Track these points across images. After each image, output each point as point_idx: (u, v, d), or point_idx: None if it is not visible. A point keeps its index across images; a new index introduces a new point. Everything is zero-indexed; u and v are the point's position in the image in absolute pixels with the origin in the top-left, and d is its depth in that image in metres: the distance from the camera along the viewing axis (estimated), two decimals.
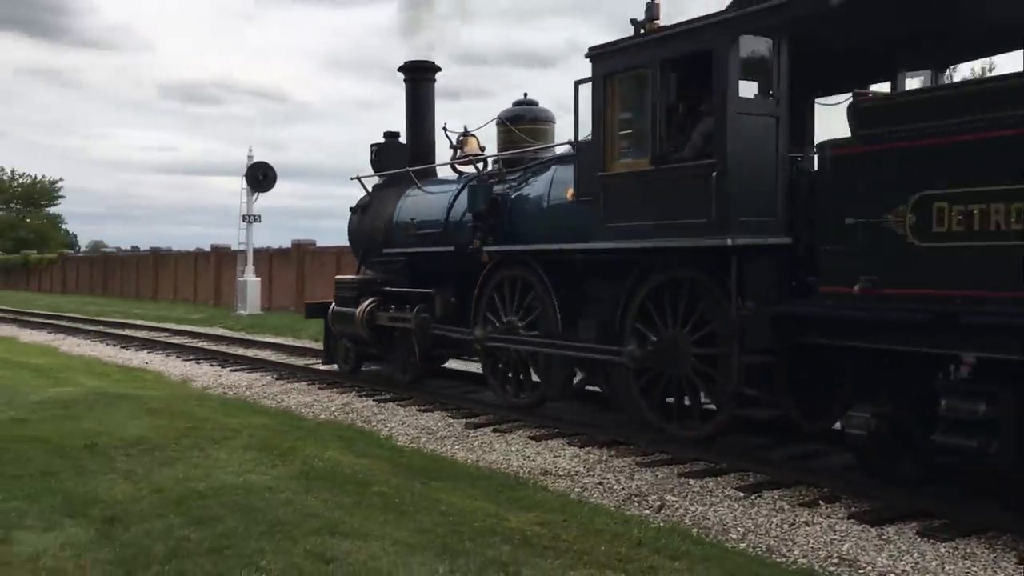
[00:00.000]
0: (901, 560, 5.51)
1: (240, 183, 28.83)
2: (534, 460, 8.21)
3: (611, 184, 8.22)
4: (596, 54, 8.32)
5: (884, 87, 8.05)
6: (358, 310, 11.97)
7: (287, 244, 32.32)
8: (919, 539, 5.86)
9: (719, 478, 7.49)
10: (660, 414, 8.48)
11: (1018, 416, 5.58)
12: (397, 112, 14.43)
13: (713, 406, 8.19)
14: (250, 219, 28.68)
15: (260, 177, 27.88)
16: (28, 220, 73.00)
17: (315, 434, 8.87)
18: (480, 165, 11.42)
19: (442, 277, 11.19)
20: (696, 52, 7.42)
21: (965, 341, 5.77)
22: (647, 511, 6.72)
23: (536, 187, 9.95)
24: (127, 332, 21.58)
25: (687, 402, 8.35)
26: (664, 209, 7.73)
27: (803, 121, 8.57)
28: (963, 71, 8.50)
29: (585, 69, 8.46)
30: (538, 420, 9.62)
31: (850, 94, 6.90)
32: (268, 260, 30.94)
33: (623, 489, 7.26)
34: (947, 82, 8.09)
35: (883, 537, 5.92)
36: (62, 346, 18.84)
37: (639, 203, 7.97)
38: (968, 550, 5.64)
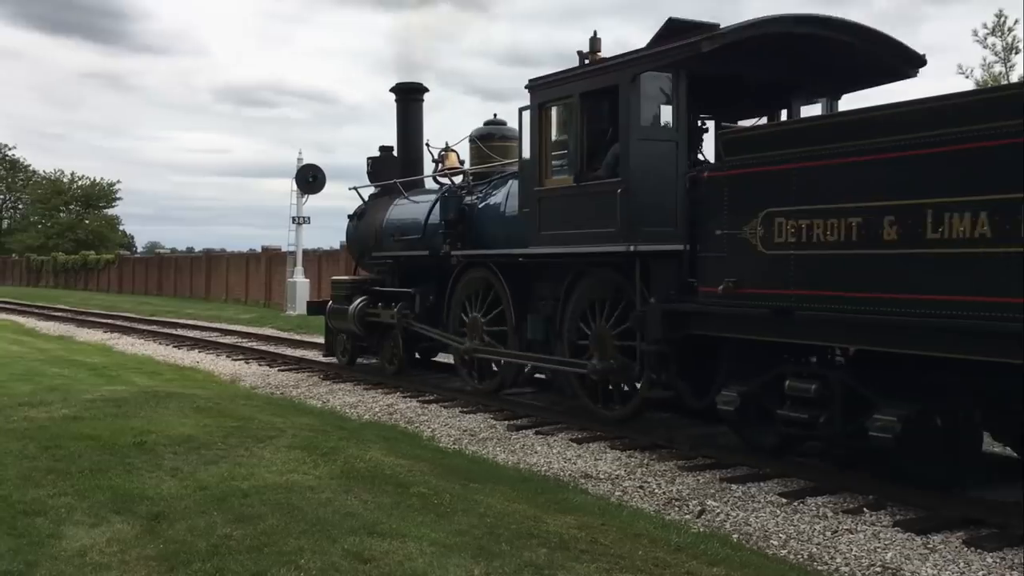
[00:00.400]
0: (946, 570, 5.41)
1: (290, 185, 29.19)
2: (575, 463, 8.20)
3: (544, 198, 9.52)
4: (533, 85, 9.64)
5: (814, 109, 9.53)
6: (351, 308, 13.09)
7: (336, 245, 32.66)
8: (966, 548, 5.74)
9: (762, 483, 7.40)
10: (590, 397, 9.57)
11: (842, 394, 6.94)
12: (445, 113, 15.92)
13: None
14: (299, 220, 29.03)
15: (310, 179, 28.18)
16: (87, 222, 74.66)
17: (358, 434, 8.95)
18: (457, 178, 12.48)
19: (423, 278, 12.28)
20: (607, 87, 8.73)
21: (800, 333, 7.10)
22: (687, 516, 6.68)
23: (496, 198, 11.10)
24: (180, 332, 21.98)
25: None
26: (584, 220, 8.94)
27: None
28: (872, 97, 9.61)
29: None
30: (579, 423, 9.61)
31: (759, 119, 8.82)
32: (317, 261, 31.32)
33: (664, 493, 7.22)
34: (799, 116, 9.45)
35: (928, 546, 5.81)
36: (117, 345, 19.26)
37: (566, 215, 9.22)
38: (1016, 560, 5.51)
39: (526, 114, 9.75)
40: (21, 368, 13.82)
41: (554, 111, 9.55)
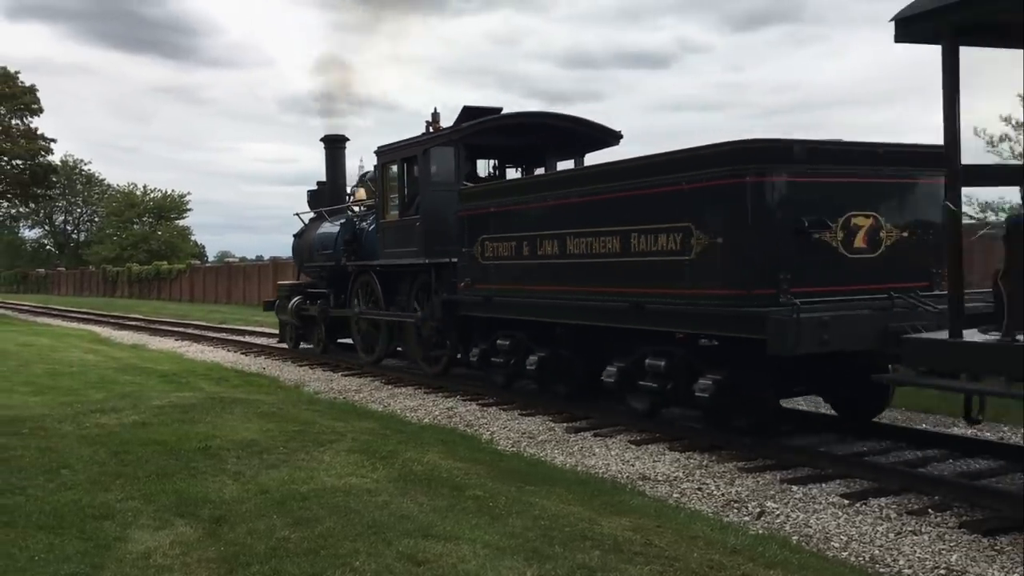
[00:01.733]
0: (1013, 572, 5.25)
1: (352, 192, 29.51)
2: (633, 465, 8.15)
3: (385, 227, 14.29)
4: (377, 152, 14.36)
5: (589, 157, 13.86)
6: (290, 305, 17.74)
7: None
8: None
9: (823, 484, 7.27)
10: (424, 359, 13.72)
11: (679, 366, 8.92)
12: None
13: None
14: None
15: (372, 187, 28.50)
16: (159, 233, 76.72)
17: (417, 438, 9.03)
18: (361, 208, 16.49)
19: (336, 281, 16.40)
20: (415, 155, 13.19)
21: (497, 311, 11.40)
22: (746, 518, 6.59)
23: (374, 225, 14.97)
24: (247, 339, 22.42)
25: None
26: (404, 242, 13.53)
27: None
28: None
29: None
30: (639, 424, 9.55)
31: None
32: None
33: (722, 495, 7.14)
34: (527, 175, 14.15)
35: (995, 548, 5.65)
36: (187, 352, 19.74)
37: (396, 238, 13.86)
38: None
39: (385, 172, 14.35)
40: (95, 376, 14.27)
41: (390, 169, 14.08)
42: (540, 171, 13.94)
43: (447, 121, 13.26)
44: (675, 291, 8.50)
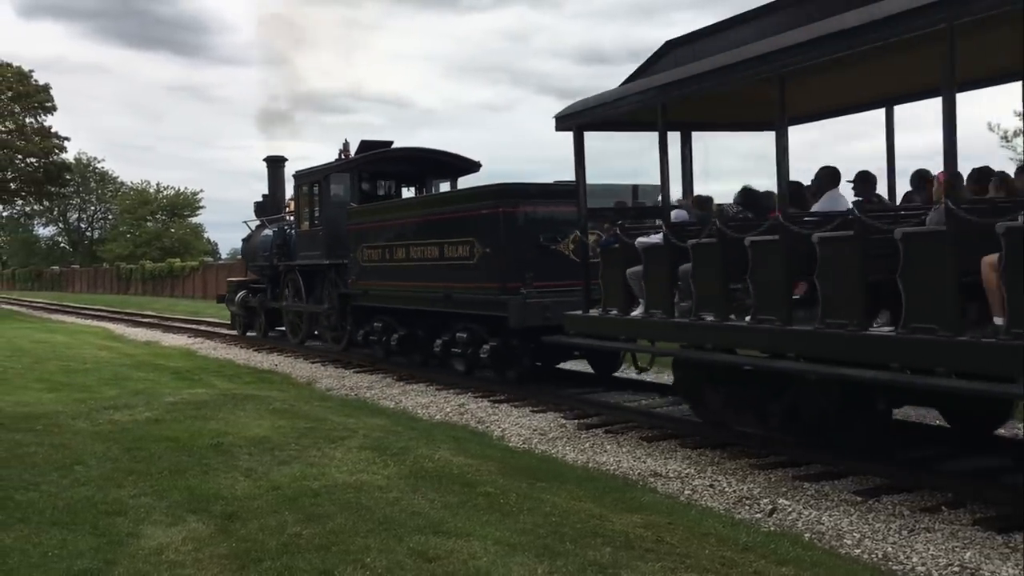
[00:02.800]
0: None
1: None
2: (644, 461, 8.14)
3: (301, 234, 18.06)
4: (294, 175, 18.39)
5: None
6: (236, 298, 21.49)
7: None
8: None
9: (836, 481, 7.25)
10: (332, 339, 17.41)
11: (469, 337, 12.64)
12: (518, 114, 19.96)
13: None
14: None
15: None
16: (172, 230, 77.00)
17: (428, 435, 9.04)
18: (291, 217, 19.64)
19: (272, 278, 19.90)
20: (319, 180, 17.01)
21: (372, 300, 14.95)
22: (758, 515, 6.57)
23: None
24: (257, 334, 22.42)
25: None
26: (314, 247, 17.19)
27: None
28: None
29: None
30: (649, 420, 9.54)
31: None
32: None
33: (734, 492, 7.11)
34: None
35: (1010, 545, 5.61)
36: (200, 349, 19.81)
37: (308, 244, 17.51)
38: None
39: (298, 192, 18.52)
40: (109, 373, 14.34)
41: (303, 189, 17.91)
42: (412, 192, 17.90)
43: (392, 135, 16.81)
44: (467, 285, 12.33)
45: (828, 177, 8.01)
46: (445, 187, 17.13)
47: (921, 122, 8.60)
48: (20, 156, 51.78)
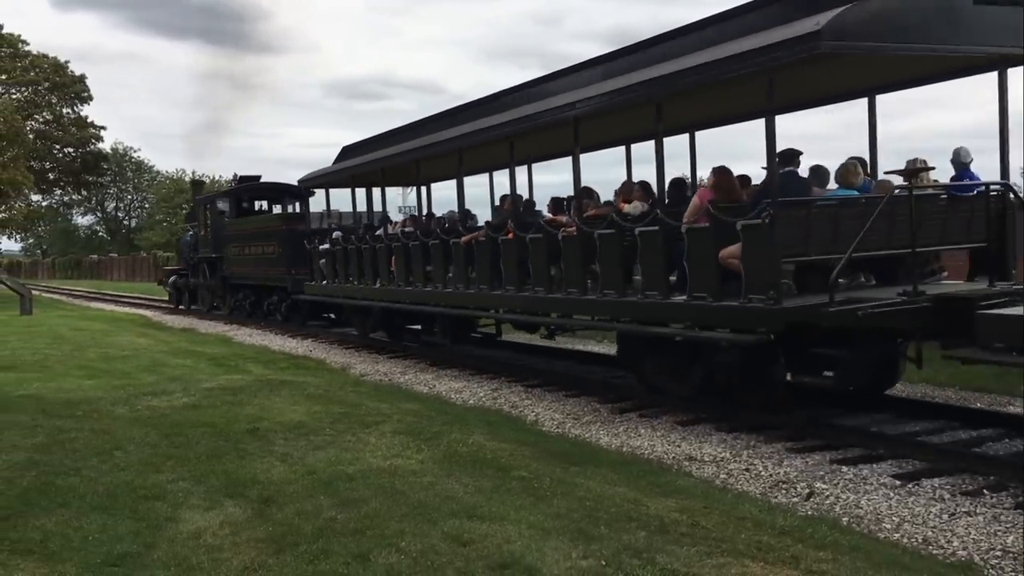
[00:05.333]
0: None
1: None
2: (679, 445, 8.09)
3: (201, 237, 26.08)
4: (195, 199, 28.88)
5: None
6: (169, 280, 29.86)
7: None
8: None
9: (875, 465, 7.16)
10: (224, 305, 25.24)
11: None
12: None
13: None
14: (405, 212, 29.66)
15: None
16: None
17: (462, 419, 9.05)
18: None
19: (192, 267, 27.51)
20: (210, 201, 25.82)
21: (239, 282, 24.44)
22: (795, 499, 6.51)
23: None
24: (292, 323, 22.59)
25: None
26: (207, 245, 25.45)
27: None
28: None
29: None
30: (684, 404, 9.48)
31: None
32: None
33: (770, 476, 7.05)
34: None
35: None
36: (236, 336, 19.99)
37: (205, 243, 25.62)
38: None
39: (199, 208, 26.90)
40: (147, 360, 14.52)
41: (203, 206, 25.83)
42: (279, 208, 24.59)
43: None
44: (274, 270, 21.13)
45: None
46: (298, 205, 23.11)
47: None
48: (58, 146, 52.56)
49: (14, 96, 49.12)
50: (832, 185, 8.83)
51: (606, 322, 10.38)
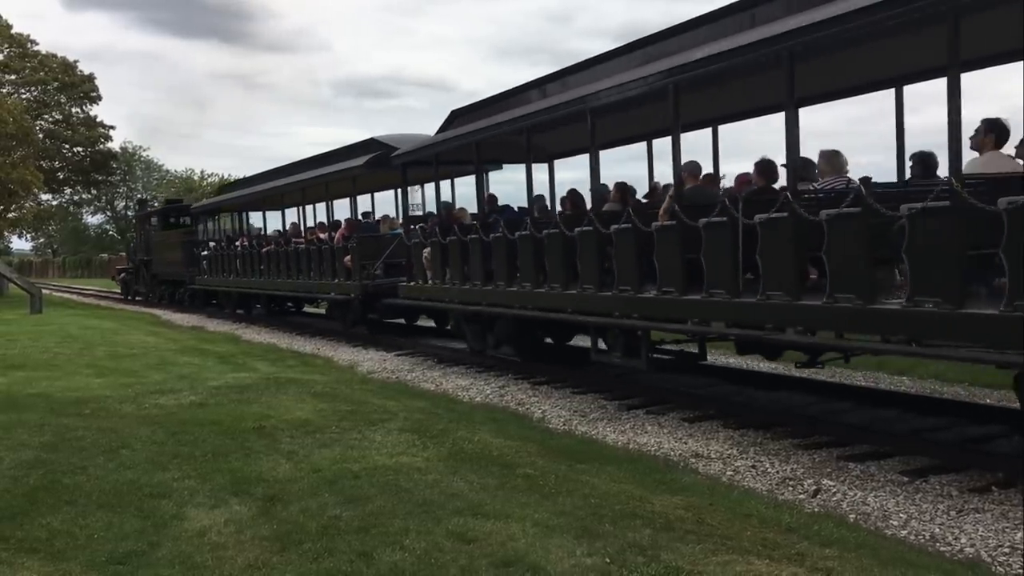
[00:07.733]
0: None
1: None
2: (686, 442, 8.06)
3: (138, 244, 36.33)
4: (134, 216, 46.94)
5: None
6: (121, 276, 38.92)
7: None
8: None
9: (882, 461, 7.12)
10: (155, 296, 33.98)
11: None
12: None
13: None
14: (413, 209, 29.61)
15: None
16: None
17: (468, 417, 9.04)
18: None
19: (137, 266, 35.70)
20: (145, 217, 35.89)
21: (162, 278, 33.25)
22: (801, 496, 6.48)
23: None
24: (303, 319, 22.67)
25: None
26: (142, 250, 35.13)
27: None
28: None
29: None
30: (692, 401, 9.45)
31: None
32: None
33: (777, 472, 7.02)
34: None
35: None
36: (244, 334, 20.03)
37: (141, 248, 35.08)
38: None
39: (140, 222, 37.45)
40: (155, 358, 14.55)
41: (143, 221, 35.58)
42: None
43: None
44: (179, 269, 29.83)
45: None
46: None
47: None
48: (67, 145, 52.70)
49: (23, 96, 49.30)
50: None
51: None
